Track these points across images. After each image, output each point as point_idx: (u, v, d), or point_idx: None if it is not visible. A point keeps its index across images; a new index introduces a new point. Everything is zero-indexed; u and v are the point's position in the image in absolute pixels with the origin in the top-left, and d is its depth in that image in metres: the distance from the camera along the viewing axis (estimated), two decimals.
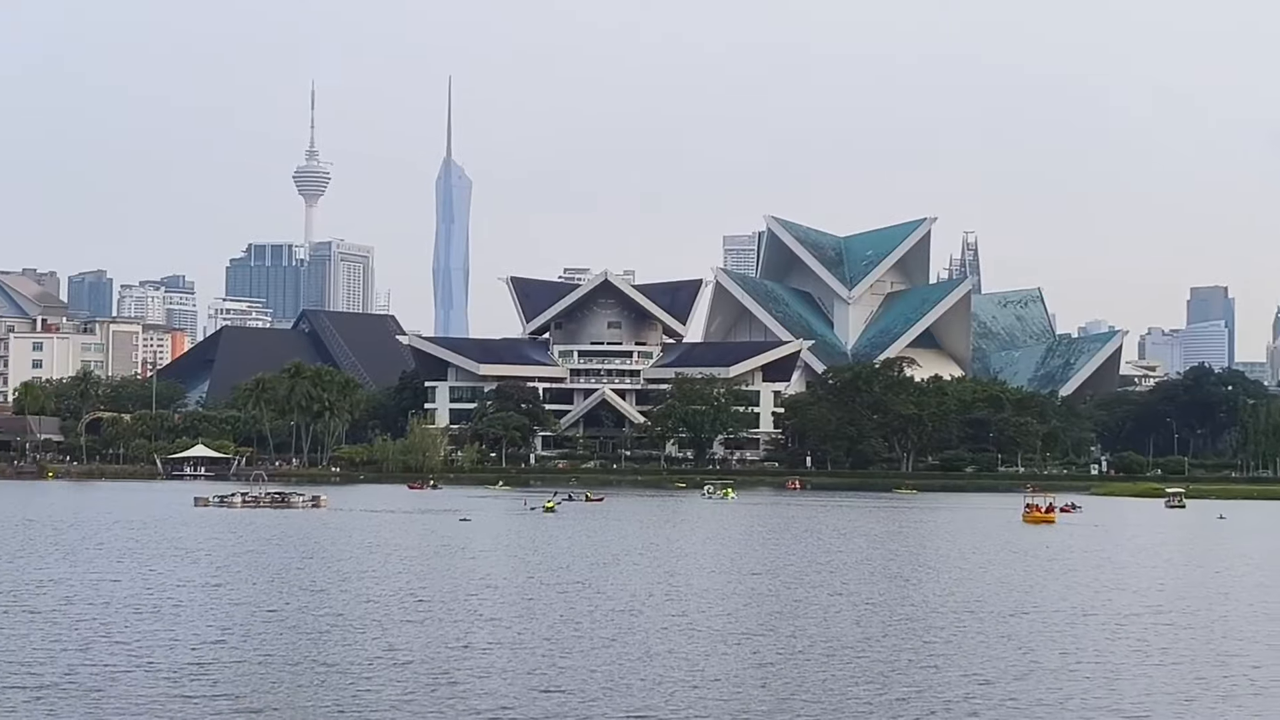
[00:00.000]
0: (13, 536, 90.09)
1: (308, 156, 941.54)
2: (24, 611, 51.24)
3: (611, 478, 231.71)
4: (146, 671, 38.85)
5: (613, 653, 43.42)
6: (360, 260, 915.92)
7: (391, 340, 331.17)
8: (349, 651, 42.90)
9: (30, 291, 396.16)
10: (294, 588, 60.77)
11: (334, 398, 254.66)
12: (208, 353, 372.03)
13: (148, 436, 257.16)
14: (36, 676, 37.74)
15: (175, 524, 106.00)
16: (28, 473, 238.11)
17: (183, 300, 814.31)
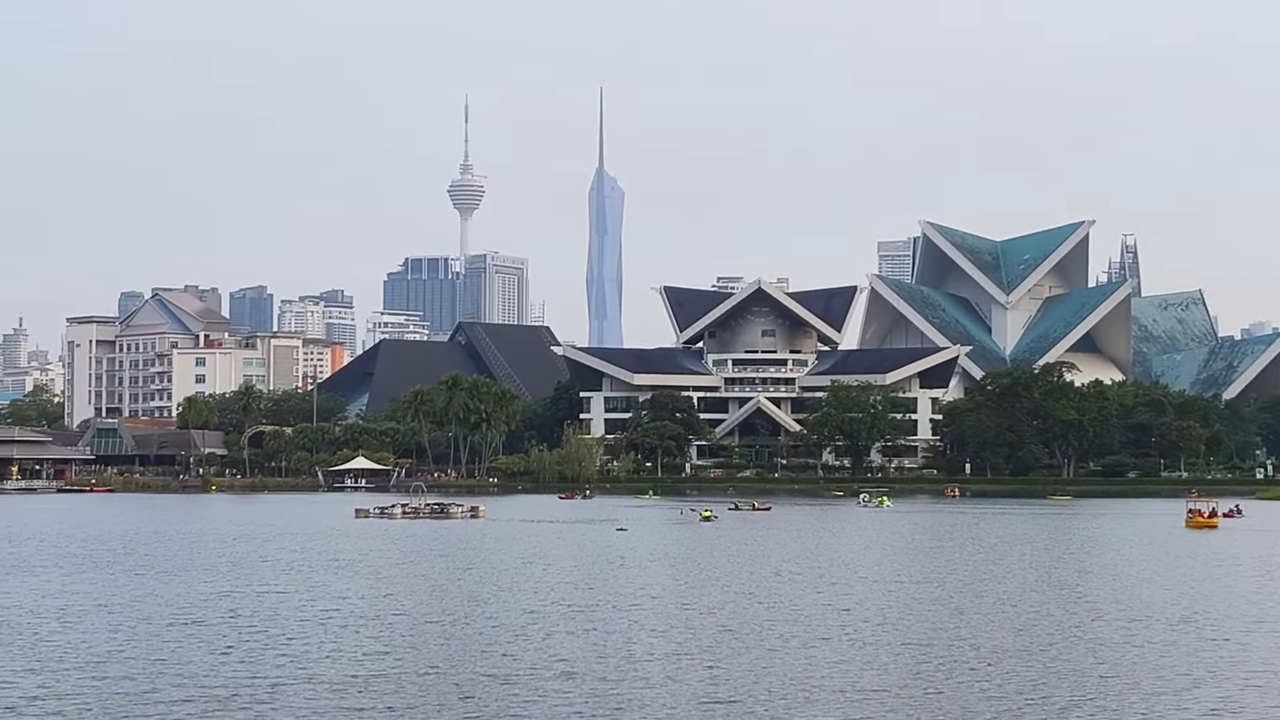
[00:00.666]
0: (180, 550, 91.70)
1: (462, 170, 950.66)
2: (191, 624, 52.03)
3: (768, 486, 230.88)
4: (310, 683, 39.21)
5: (775, 663, 43.10)
6: (515, 272, 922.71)
7: (546, 351, 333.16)
8: (512, 663, 42.98)
9: (193, 308, 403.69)
10: (455, 598, 61.14)
11: (490, 409, 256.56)
12: (367, 366, 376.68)
13: (309, 449, 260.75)
14: (204, 689, 38.23)
15: (337, 536, 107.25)
16: (192, 486, 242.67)
17: (342, 314, 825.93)
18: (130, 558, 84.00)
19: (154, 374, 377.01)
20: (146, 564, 79.14)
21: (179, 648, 45.73)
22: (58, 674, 40.48)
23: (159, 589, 64.76)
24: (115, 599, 60.11)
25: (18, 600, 59.46)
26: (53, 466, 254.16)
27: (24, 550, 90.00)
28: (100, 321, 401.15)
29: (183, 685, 38.66)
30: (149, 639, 47.80)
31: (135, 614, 54.79)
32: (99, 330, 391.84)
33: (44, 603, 58.66)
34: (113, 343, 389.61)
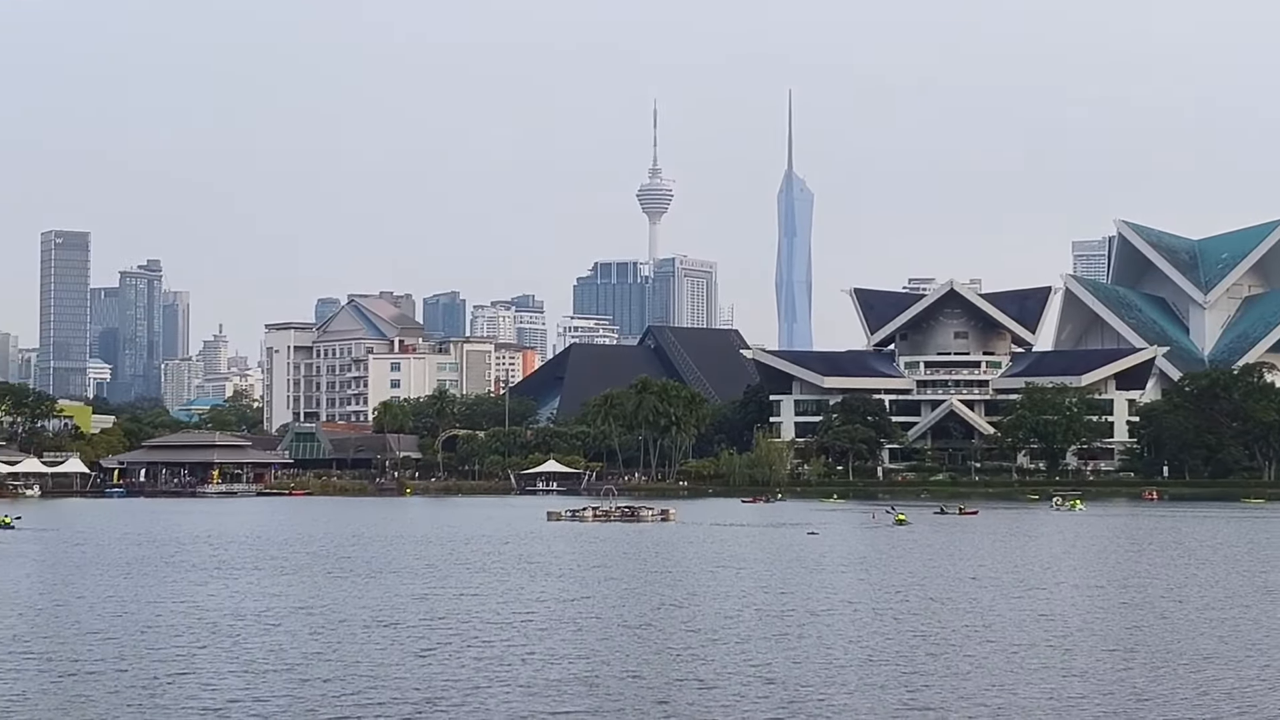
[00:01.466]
0: (377, 552, 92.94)
1: (651, 174, 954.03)
2: (390, 626, 52.59)
3: (961, 490, 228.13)
4: (507, 686, 39.40)
5: (973, 670, 42.44)
6: (703, 275, 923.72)
7: (735, 354, 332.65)
8: (708, 668, 42.78)
9: (388, 314, 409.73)
10: (649, 602, 61.11)
11: (680, 412, 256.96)
12: (557, 370, 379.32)
13: (501, 452, 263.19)
14: (402, 692, 38.59)
15: (530, 538, 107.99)
16: (388, 489, 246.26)
17: (532, 319, 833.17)
18: (329, 560, 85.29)
19: (350, 379, 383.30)
20: (345, 567, 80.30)
21: (378, 650, 46.24)
22: (260, 676, 41.12)
23: (358, 592, 65.63)
24: (315, 602, 61.01)
25: (220, 603, 60.60)
26: (252, 470, 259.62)
27: (226, 553, 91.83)
28: (298, 328, 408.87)
29: (381, 688, 39.07)
30: (348, 641, 48.40)
31: (334, 616, 55.54)
32: (297, 336, 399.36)
33: (245, 605, 59.72)
34: (310, 348, 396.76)
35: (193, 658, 44.42)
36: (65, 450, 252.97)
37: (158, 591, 65.63)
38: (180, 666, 42.58)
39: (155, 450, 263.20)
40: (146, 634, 50.12)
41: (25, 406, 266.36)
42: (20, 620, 54.60)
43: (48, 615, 56.62)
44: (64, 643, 47.84)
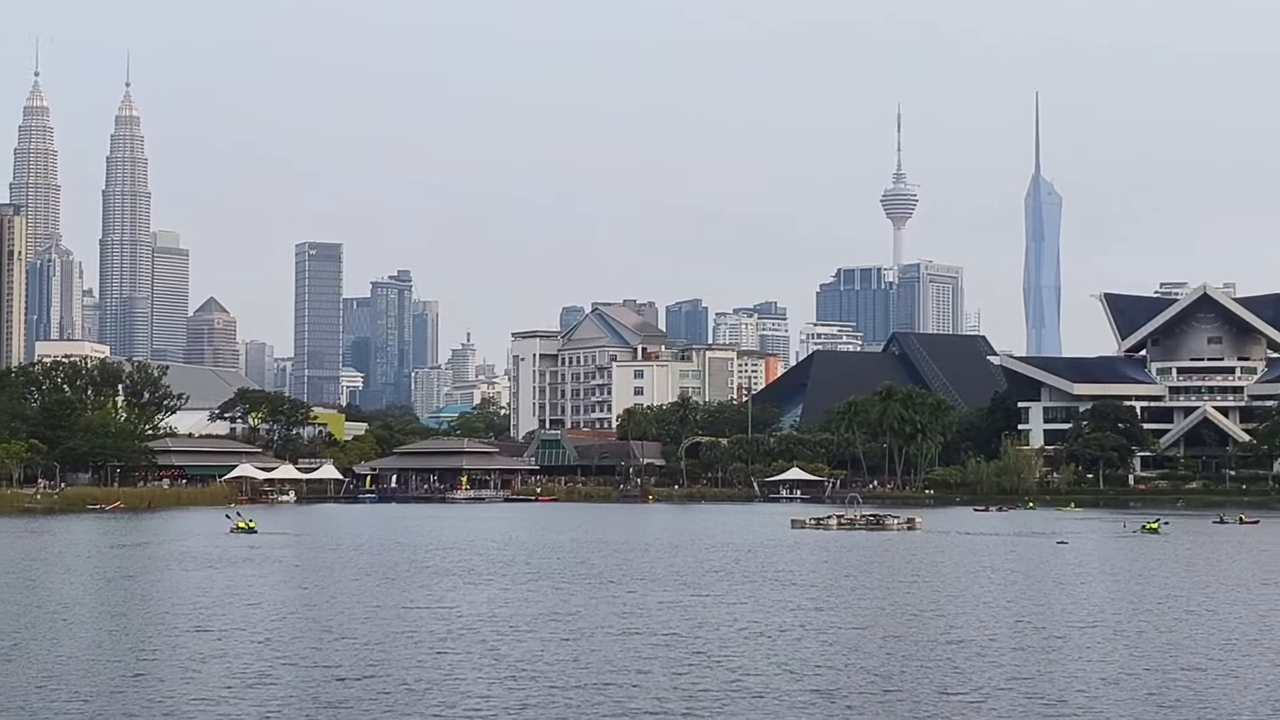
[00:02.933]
0: (624, 559, 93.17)
1: (895, 179, 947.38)
2: (637, 635, 52.40)
3: (1214, 499, 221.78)
4: (755, 697, 38.94)
5: (1230, 689, 40.90)
6: (949, 281, 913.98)
7: (982, 361, 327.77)
8: (966, 680, 41.86)
9: (631, 321, 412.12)
10: (899, 612, 60.17)
11: (925, 420, 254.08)
12: (800, 377, 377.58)
13: (744, 460, 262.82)
14: (656, 701, 38.33)
15: (774, 546, 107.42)
16: (632, 496, 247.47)
17: (775, 326, 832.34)
18: (578, 567, 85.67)
19: (594, 386, 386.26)
20: (594, 573, 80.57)
21: (628, 659, 46.12)
22: (512, 684, 41.22)
23: (608, 599, 65.74)
24: (565, 609, 61.22)
25: (475, 609, 61.11)
26: (500, 476, 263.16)
27: (476, 559, 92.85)
28: (543, 336, 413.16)
29: (634, 697, 38.85)
30: (599, 649, 48.35)
31: (585, 624, 55.62)
32: (542, 344, 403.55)
33: (497, 612, 60.15)
34: (555, 356, 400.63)
35: (445, 665, 44.76)
36: (319, 457, 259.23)
37: (409, 597, 66.49)
38: (432, 674, 42.90)
39: (406, 457, 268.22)
40: (398, 640, 50.70)
41: (281, 414, 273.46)
42: (275, 625, 55.69)
43: (301, 620, 57.67)
44: (317, 648, 48.57)
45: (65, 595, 68.65)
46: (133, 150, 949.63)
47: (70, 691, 39.59)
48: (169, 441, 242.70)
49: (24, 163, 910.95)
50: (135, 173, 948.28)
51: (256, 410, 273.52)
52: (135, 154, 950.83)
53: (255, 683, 40.96)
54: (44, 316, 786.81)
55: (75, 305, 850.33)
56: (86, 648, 48.93)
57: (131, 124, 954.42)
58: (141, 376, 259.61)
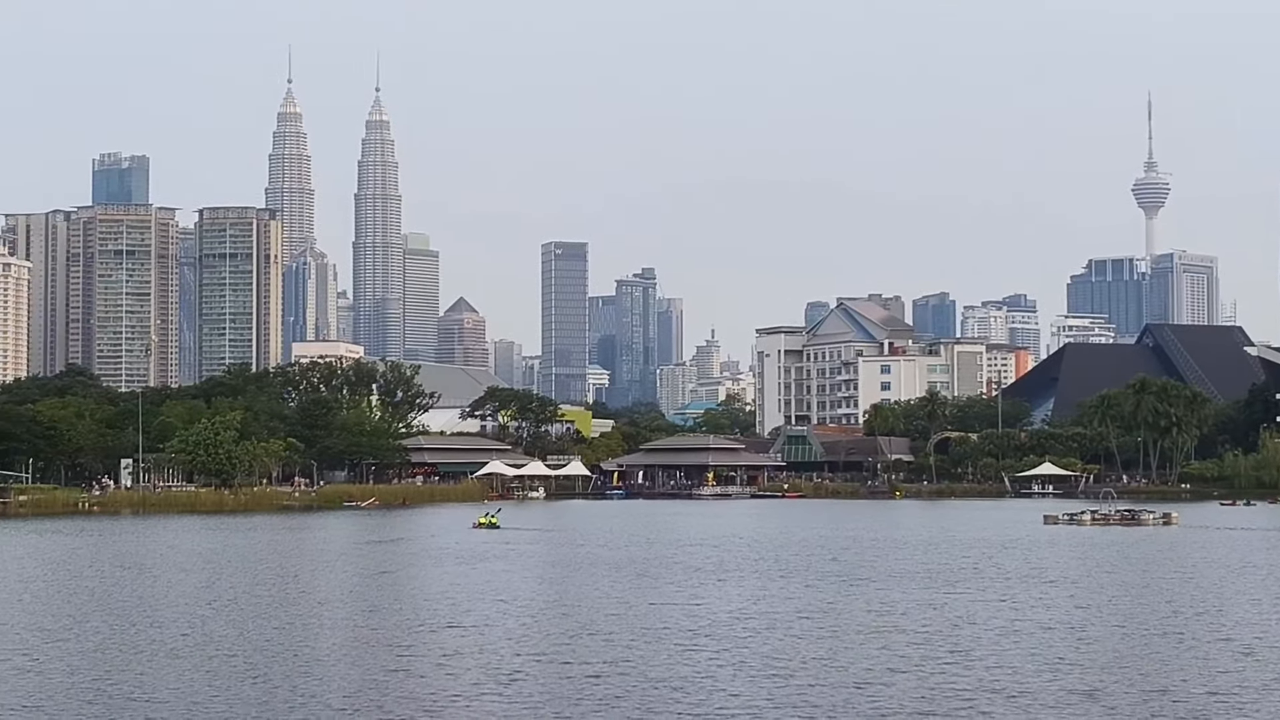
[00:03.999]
0: (874, 557, 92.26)
1: (1146, 169, 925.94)
2: (888, 633, 51.68)
3: None
4: (1009, 697, 38.09)
5: None
6: (1203, 271, 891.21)
7: (1239, 352, 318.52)
8: (1233, 679, 40.40)
9: (877, 316, 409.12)
10: (1161, 609, 58.48)
11: (1181, 413, 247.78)
12: (1051, 370, 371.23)
13: (994, 455, 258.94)
14: (898, 701, 37.76)
15: (1028, 543, 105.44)
16: (879, 492, 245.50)
17: (1024, 319, 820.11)
18: (826, 564, 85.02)
19: (840, 382, 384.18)
20: (842, 571, 79.86)
21: (883, 657, 45.41)
22: (768, 681, 40.91)
23: (857, 596, 65.07)
24: (813, 606, 60.67)
25: (725, 606, 60.84)
26: (746, 472, 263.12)
27: (724, 555, 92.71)
28: (788, 331, 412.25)
29: (889, 696, 38.26)
30: (849, 648, 47.69)
31: (834, 622, 55.03)
32: (787, 340, 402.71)
33: (749, 608, 59.82)
34: (800, 352, 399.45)
35: (696, 662, 44.57)
36: (567, 454, 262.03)
37: (659, 593, 66.55)
38: (683, 671, 42.74)
39: (652, 453, 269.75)
40: (649, 637, 50.67)
41: (530, 412, 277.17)
42: (526, 621, 56.09)
43: (551, 616, 57.99)
44: (568, 645, 48.72)
45: (324, 590, 70.21)
46: (383, 154, 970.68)
47: (330, 685, 40.31)
48: (421, 439, 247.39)
49: (279, 168, 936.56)
50: (386, 176, 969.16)
51: (506, 408, 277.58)
52: (386, 158, 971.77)
53: (509, 680, 41.24)
54: (300, 318, 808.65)
55: (330, 307, 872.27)
56: (344, 643, 49.85)
57: (381, 128, 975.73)
58: (394, 376, 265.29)
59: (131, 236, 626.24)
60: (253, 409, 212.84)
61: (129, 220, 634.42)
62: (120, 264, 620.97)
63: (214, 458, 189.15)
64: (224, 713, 36.46)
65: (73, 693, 39.24)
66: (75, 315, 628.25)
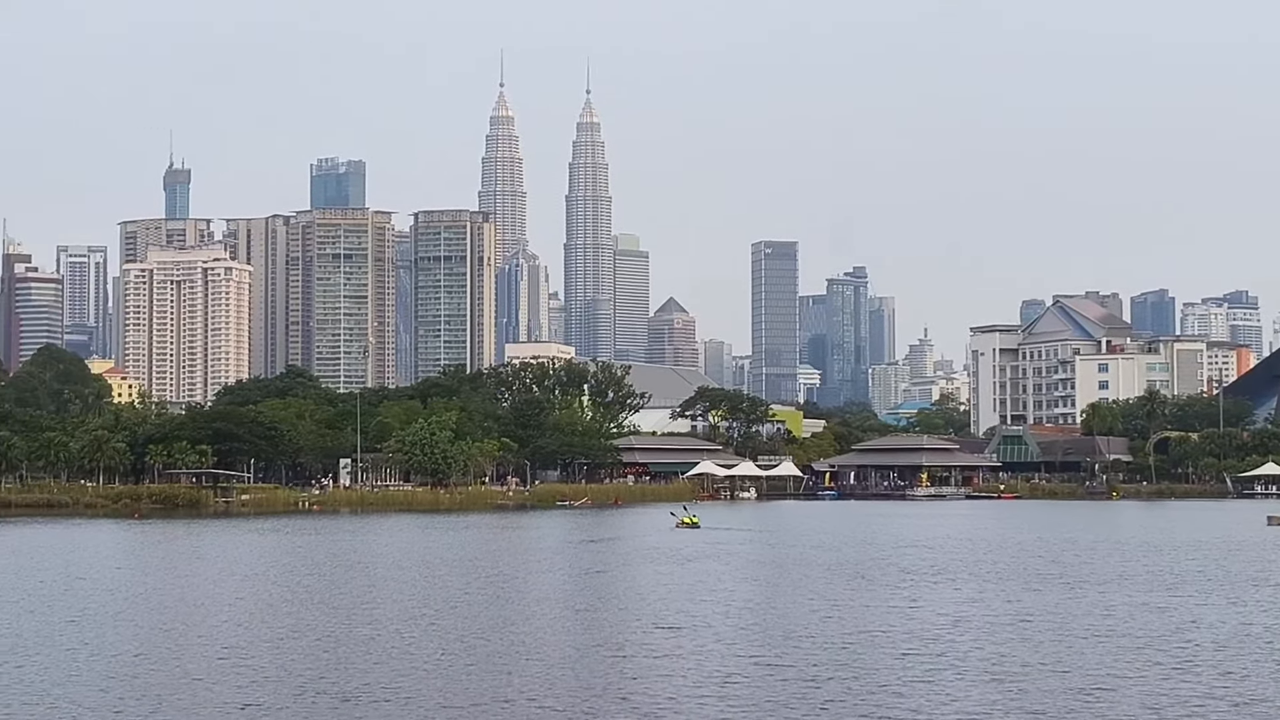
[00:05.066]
0: (1094, 559, 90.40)
1: None
2: (1109, 638, 50.45)
3: None
4: (1232, 706, 36.87)
5: None
6: None
7: None
8: None
9: (1094, 314, 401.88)
10: None
11: None
12: (1274, 368, 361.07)
13: (1216, 455, 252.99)
14: (1120, 709, 36.74)
15: (1252, 545, 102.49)
16: (1097, 493, 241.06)
17: (1246, 316, 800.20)
18: (1044, 566, 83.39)
19: (1056, 381, 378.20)
20: (1060, 573, 78.20)
21: (1106, 662, 44.26)
22: (987, 687, 40.09)
23: (1075, 600, 63.61)
24: (1031, 610, 59.36)
25: (942, 609, 59.78)
26: (960, 473, 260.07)
27: (939, 557, 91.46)
28: (1003, 330, 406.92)
29: (1112, 703, 37.25)
30: (1074, 653, 46.53)
31: (1053, 625, 53.76)
32: (1002, 339, 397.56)
33: (966, 611, 58.77)
34: (1015, 350, 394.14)
35: (912, 667, 43.80)
36: (778, 454, 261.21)
37: (873, 595, 65.77)
38: (901, 676, 42.02)
39: (865, 453, 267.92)
40: (863, 640, 49.97)
41: (740, 412, 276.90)
42: (738, 622, 55.72)
43: (764, 617, 57.53)
44: (780, 647, 48.22)
45: (538, 590, 70.58)
46: (594, 156, 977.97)
47: (546, 686, 40.32)
48: (633, 439, 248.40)
49: (491, 171, 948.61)
50: (596, 178, 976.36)
51: (716, 408, 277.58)
52: (596, 159, 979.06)
53: (724, 682, 40.94)
54: (513, 319, 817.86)
55: (542, 308, 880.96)
56: (559, 643, 49.87)
57: (592, 130, 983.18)
58: (605, 376, 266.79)
59: (349, 240, 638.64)
60: (467, 409, 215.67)
61: (346, 224, 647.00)
62: (338, 267, 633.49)
63: (430, 457, 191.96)
64: (435, 713, 36.66)
65: (289, 691, 39.77)
66: (295, 317, 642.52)
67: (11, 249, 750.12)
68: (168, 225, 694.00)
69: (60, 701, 38.12)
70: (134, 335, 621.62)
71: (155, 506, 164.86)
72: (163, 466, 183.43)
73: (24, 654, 46.70)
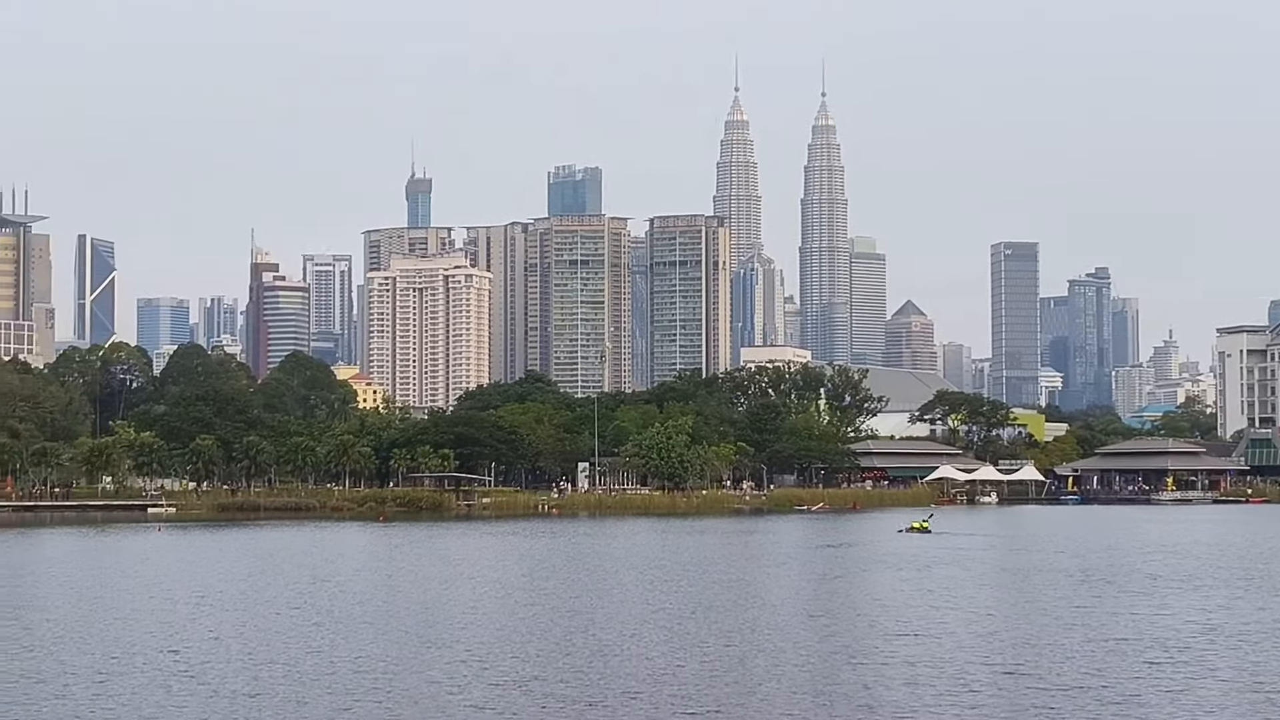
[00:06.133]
0: None
1: None
2: None
3: None
4: None
5: None
6: None
7: None
8: None
9: None
10: None
11: None
12: None
13: None
14: None
15: None
16: None
17: None
18: None
19: None
20: None
21: None
22: (1241, 696, 38.85)
23: None
24: None
25: (1192, 616, 58.18)
26: (1207, 477, 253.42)
27: (1188, 563, 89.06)
28: (1251, 330, 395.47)
29: None
30: None
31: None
32: (1250, 339, 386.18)
33: (1219, 620, 57.04)
34: (1264, 351, 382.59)
35: (1161, 677, 42.55)
36: (1019, 458, 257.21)
37: (1118, 603, 64.17)
38: (1148, 685, 40.92)
39: (1108, 457, 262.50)
40: (1107, 649, 48.72)
41: (980, 415, 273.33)
42: (976, 629, 54.76)
43: (1002, 624, 56.45)
44: (1021, 653, 47.37)
45: (775, 594, 70.20)
46: (829, 159, 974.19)
47: (784, 691, 39.95)
48: (870, 443, 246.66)
49: (726, 176, 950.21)
50: (832, 181, 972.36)
51: (956, 412, 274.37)
52: (832, 162, 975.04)
53: (965, 690, 40.24)
54: (748, 323, 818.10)
55: (777, 312, 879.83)
56: (799, 648, 49.41)
57: (828, 133, 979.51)
58: (842, 380, 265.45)
59: (585, 246, 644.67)
60: (703, 413, 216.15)
61: (583, 230, 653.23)
62: (575, 273, 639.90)
63: (666, 461, 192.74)
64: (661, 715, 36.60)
65: (533, 697, 39.99)
66: (533, 323, 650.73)
67: (260, 258, 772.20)
68: (410, 234, 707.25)
69: (305, 703, 38.82)
70: (378, 341, 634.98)
71: (399, 509, 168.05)
72: (406, 470, 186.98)
73: (269, 657, 47.65)
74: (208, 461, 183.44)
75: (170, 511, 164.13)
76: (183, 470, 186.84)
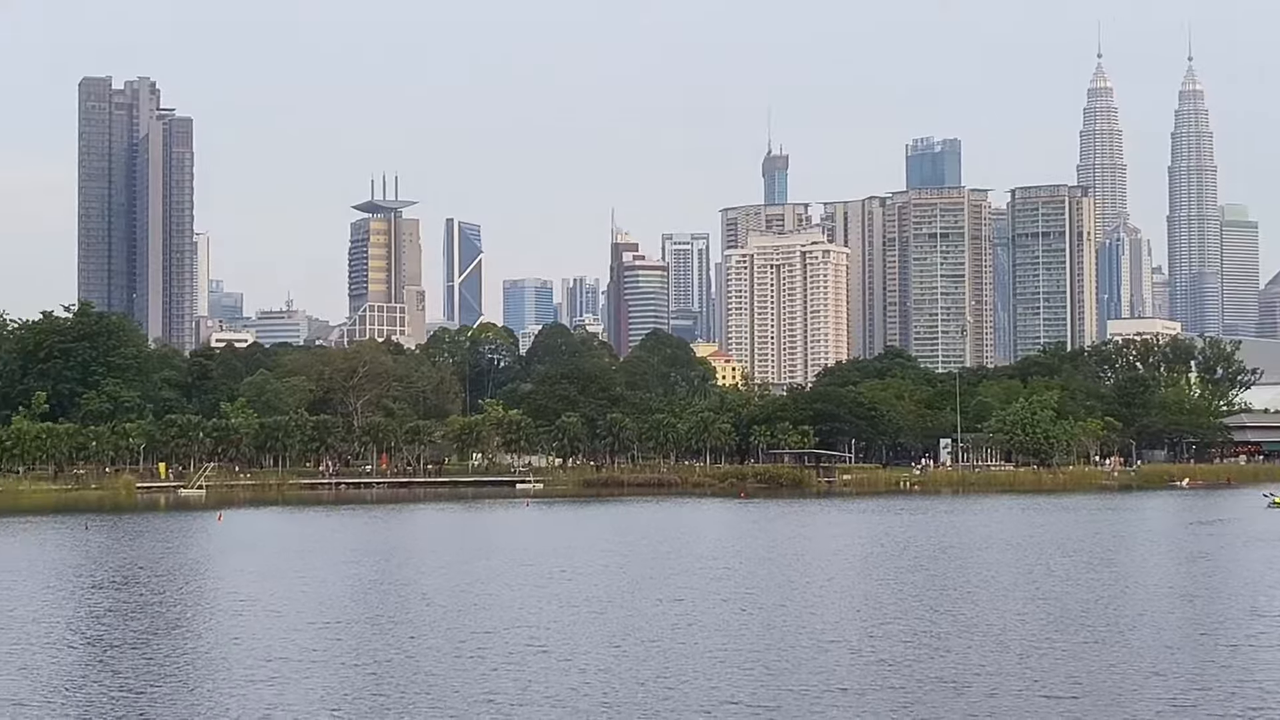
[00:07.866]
0: None
1: None
2: None
3: None
4: None
5: None
6: None
7: None
8: None
9: None
10: None
11: None
12: None
13: None
14: None
15: None
16: None
17: None
18: None
19: None
20: None
21: None
22: None
23: None
24: None
25: None
26: None
27: None
28: None
29: None
30: None
31: None
32: None
33: None
34: None
35: None
36: None
37: None
38: None
39: None
40: None
41: None
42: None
43: None
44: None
45: (1141, 574, 68.31)
46: (1197, 125, 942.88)
47: (1144, 673, 39.00)
48: (1244, 417, 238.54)
49: (1089, 145, 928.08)
50: (1200, 147, 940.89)
51: None
52: (1200, 128, 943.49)
53: None
54: (1114, 295, 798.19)
55: (1144, 283, 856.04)
56: (1161, 634, 48.01)
57: (1195, 98, 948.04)
58: (1214, 352, 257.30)
59: (945, 219, 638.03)
60: (1069, 388, 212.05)
61: (942, 203, 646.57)
62: (934, 246, 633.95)
63: (1031, 437, 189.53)
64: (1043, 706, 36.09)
65: (895, 678, 39.84)
66: (892, 298, 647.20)
67: (620, 238, 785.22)
68: (767, 211, 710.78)
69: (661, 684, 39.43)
70: (736, 319, 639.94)
71: (760, 486, 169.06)
72: (766, 447, 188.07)
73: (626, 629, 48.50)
74: (573, 438, 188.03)
75: (538, 487, 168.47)
76: (549, 447, 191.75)
